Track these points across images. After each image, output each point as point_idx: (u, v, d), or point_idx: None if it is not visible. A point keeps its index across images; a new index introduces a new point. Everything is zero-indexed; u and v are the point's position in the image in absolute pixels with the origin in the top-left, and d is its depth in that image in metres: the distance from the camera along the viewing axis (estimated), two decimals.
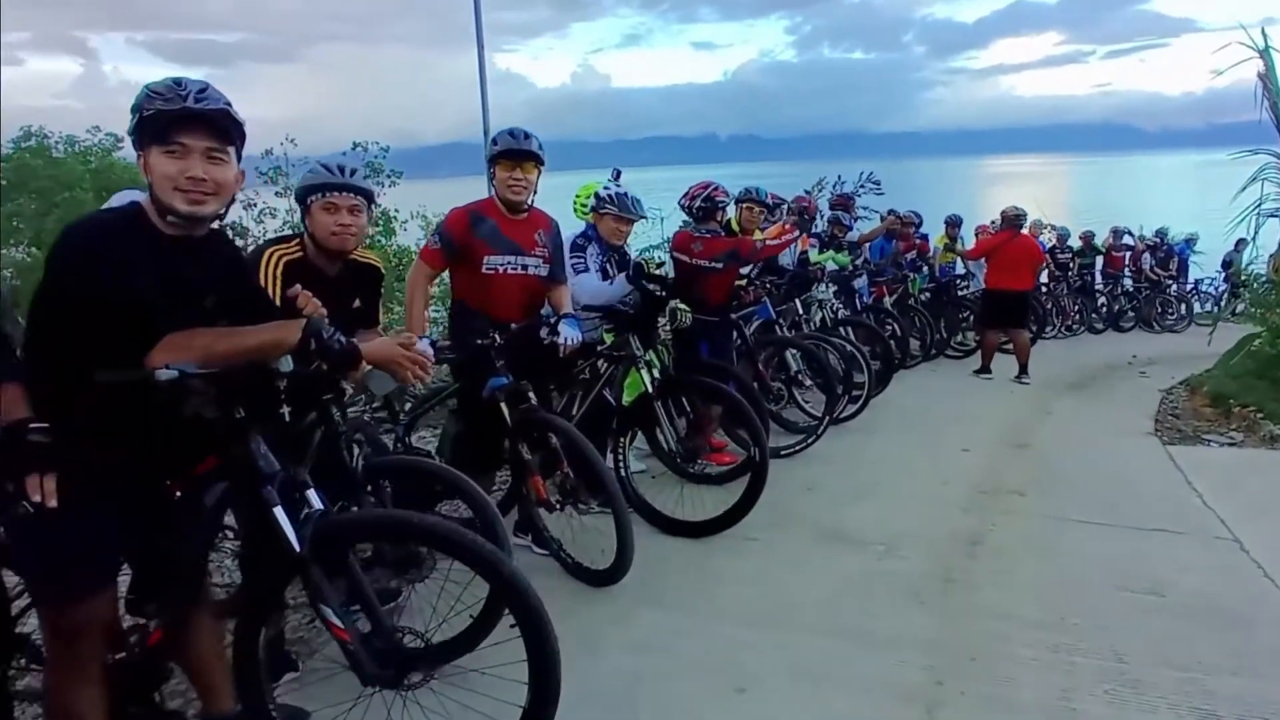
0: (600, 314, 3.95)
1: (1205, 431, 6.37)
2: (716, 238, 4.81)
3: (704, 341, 4.86)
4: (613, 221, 4.12)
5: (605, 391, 4.17)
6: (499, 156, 3.34)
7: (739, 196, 5.39)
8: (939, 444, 5.74)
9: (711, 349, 4.89)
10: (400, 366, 2.48)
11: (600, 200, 4.08)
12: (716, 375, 4.66)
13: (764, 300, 5.61)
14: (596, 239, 4.13)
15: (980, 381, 8.24)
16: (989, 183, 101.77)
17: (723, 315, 4.96)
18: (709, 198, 4.74)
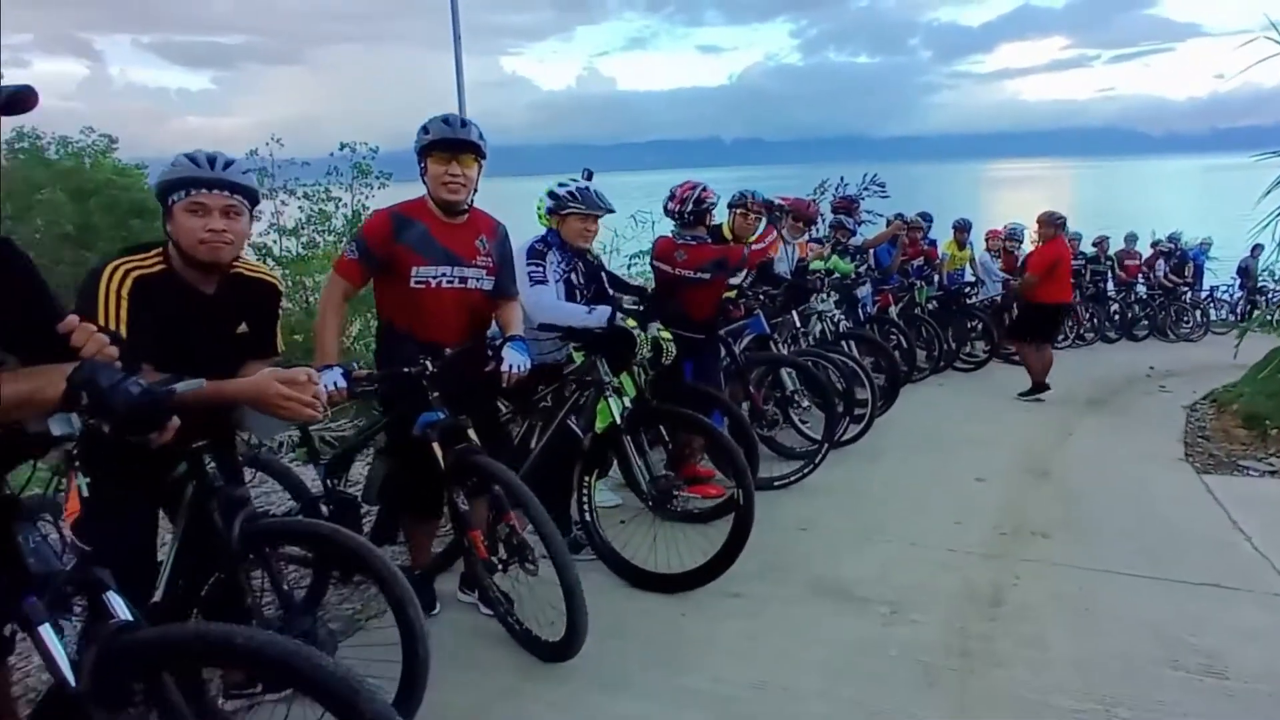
0: (560, 333, 3.39)
1: (1241, 457, 5.81)
2: (702, 245, 4.27)
3: (688, 361, 4.32)
4: (578, 221, 3.57)
5: (571, 420, 3.63)
6: (431, 148, 2.79)
7: (732, 200, 4.85)
8: (950, 472, 5.18)
9: (697, 370, 4.35)
10: (278, 406, 1.95)
11: (559, 199, 3.52)
12: (701, 401, 4.13)
13: (757, 313, 5.06)
14: (558, 245, 3.58)
15: (993, 398, 7.67)
16: (995, 187, 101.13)
17: (709, 332, 4.42)
18: (699, 200, 4.20)
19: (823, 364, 5.34)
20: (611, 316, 3.30)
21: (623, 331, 3.29)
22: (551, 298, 3.39)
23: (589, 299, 3.69)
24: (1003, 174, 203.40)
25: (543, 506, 2.65)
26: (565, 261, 3.57)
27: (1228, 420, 6.79)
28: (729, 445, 3.34)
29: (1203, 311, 13.77)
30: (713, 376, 4.38)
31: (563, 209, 3.52)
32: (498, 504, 2.87)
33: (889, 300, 7.88)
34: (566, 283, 3.60)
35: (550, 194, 3.55)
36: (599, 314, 3.33)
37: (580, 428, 3.65)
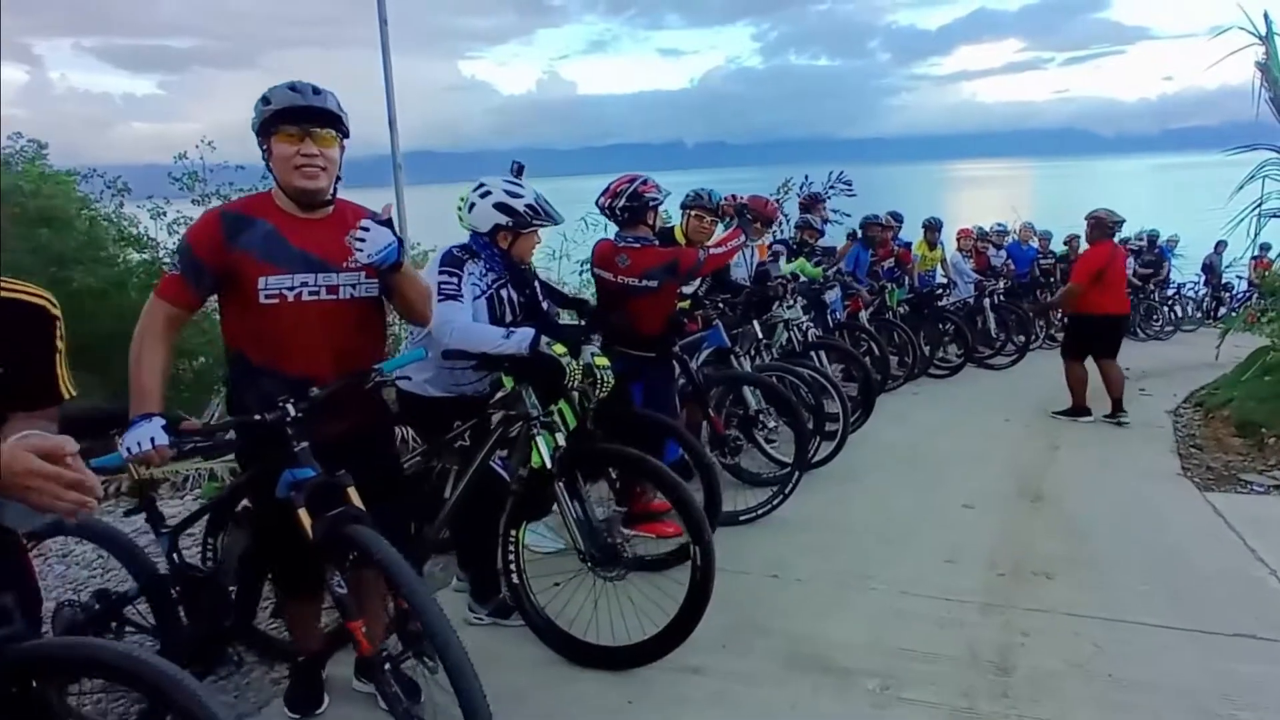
0: (472, 362, 2.77)
1: (1240, 469, 5.39)
2: (647, 247, 3.67)
3: (637, 384, 3.74)
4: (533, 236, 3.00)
5: (496, 461, 3.03)
6: (276, 121, 2.13)
7: (686, 201, 4.29)
8: (935, 497, 4.66)
9: (648, 394, 3.77)
10: (34, 492, 1.33)
11: (517, 215, 2.88)
12: (653, 431, 3.55)
13: (715, 324, 4.49)
14: (488, 255, 2.94)
15: (971, 407, 7.21)
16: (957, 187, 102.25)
17: (660, 349, 3.84)
18: (635, 195, 3.61)
19: (790, 379, 4.80)
20: (534, 340, 2.68)
21: (548, 360, 2.68)
22: (462, 317, 2.75)
23: (523, 317, 3.09)
24: (964, 174, 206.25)
25: (429, 597, 2.04)
26: (494, 274, 2.94)
27: (1219, 427, 6.39)
28: (682, 495, 2.75)
29: (1171, 309, 13.55)
30: (666, 400, 3.80)
31: (523, 227, 2.90)
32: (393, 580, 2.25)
33: (860, 304, 7.39)
34: (498, 300, 2.97)
35: (502, 206, 2.87)
36: (519, 338, 2.71)
37: (506, 469, 3.06)
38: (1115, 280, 6.67)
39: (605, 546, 2.82)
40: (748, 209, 4.81)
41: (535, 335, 2.69)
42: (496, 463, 3.05)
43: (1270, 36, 8.79)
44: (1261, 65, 9.09)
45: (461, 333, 2.69)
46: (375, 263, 2.18)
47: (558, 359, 2.67)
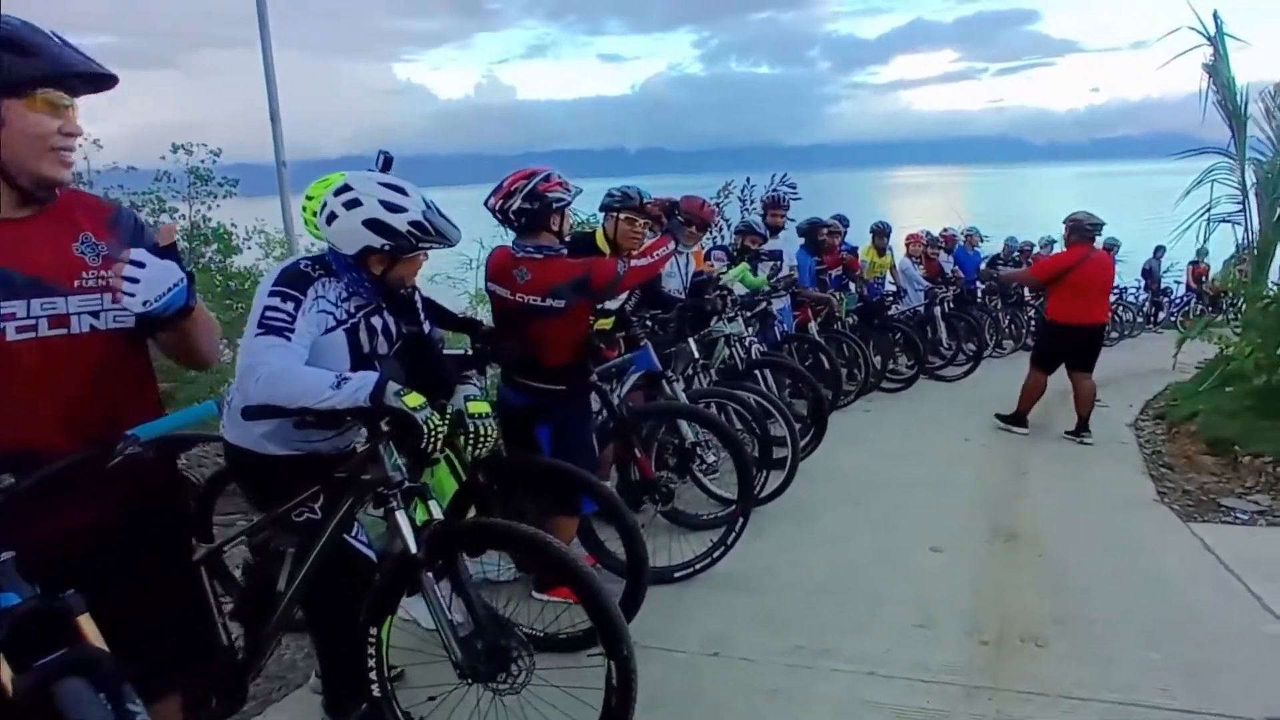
0: (292, 416, 2.03)
1: (1218, 492, 4.96)
2: (553, 259, 2.99)
3: (544, 426, 3.07)
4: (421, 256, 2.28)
5: (356, 536, 2.32)
6: (32, 80, 1.44)
7: (609, 201, 3.64)
8: (898, 538, 4.09)
9: (556, 437, 3.09)
10: None
11: (398, 237, 2.11)
12: (562, 485, 2.89)
13: (643, 345, 3.84)
14: (349, 273, 2.18)
15: (928, 424, 6.71)
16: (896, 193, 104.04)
17: (572, 380, 3.15)
18: (534, 194, 2.92)
19: (731, 405, 4.19)
20: (377, 389, 1.97)
21: (397, 414, 1.98)
22: (279, 359, 2.01)
23: (402, 351, 2.38)
24: (903, 181, 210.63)
25: None
26: (359, 297, 2.21)
27: (1187, 444, 6.00)
28: (595, 594, 2.08)
29: (1115, 314, 13.41)
30: (579, 445, 3.11)
31: (405, 252, 2.15)
32: None
33: (809, 315, 6.84)
34: (366, 330, 2.24)
35: (376, 225, 2.09)
36: (354, 387, 1.96)
37: (367, 545, 2.36)
38: (1091, 287, 6.23)
39: (496, 652, 2.13)
40: (679, 210, 4.20)
41: (378, 382, 1.98)
42: (359, 539, 2.35)
43: (1220, 37, 8.58)
44: (1209, 67, 8.88)
45: (269, 380, 1.95)
46: (153, 312, 1.50)
47: (410, 414, 1.97)
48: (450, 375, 2.38)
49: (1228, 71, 8.50)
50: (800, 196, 8.09)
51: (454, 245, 2.24)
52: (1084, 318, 6.21)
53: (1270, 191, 8.45)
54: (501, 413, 3.10)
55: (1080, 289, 6.16)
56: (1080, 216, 6.36)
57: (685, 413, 3.81)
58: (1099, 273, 6.28)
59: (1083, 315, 6.20)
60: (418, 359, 2.41)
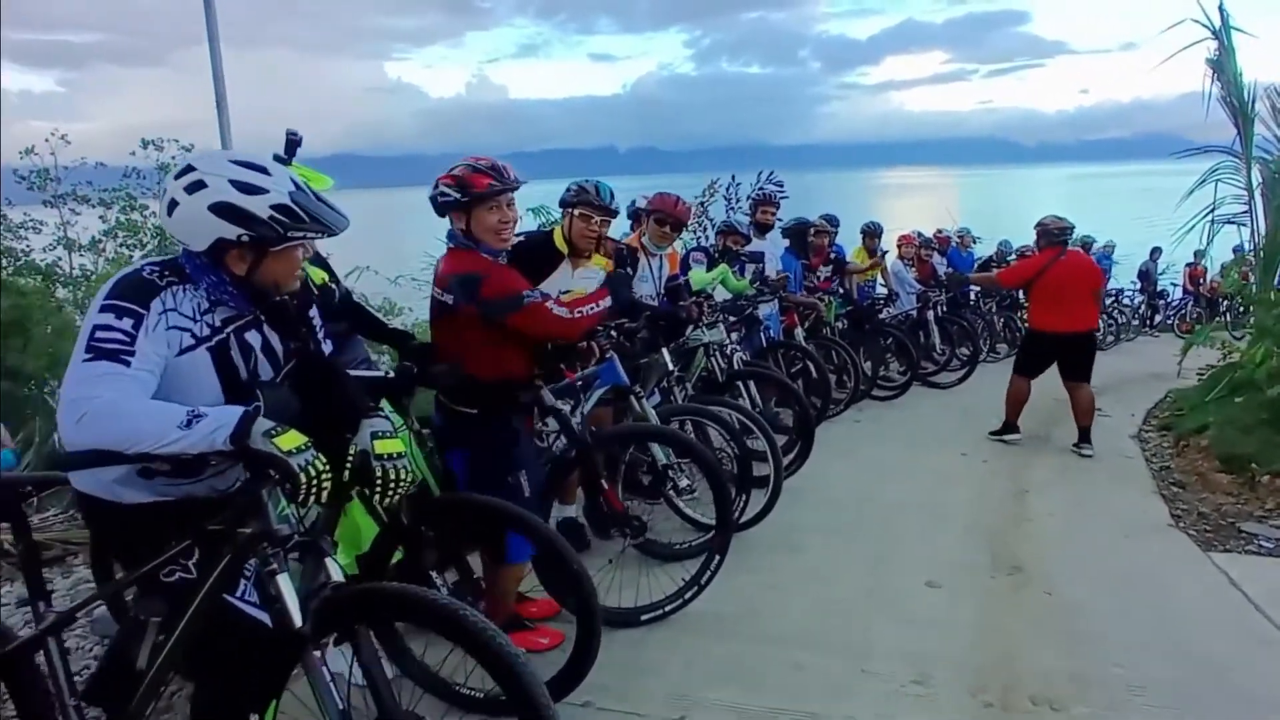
0: (147, 459, 1.58)
1: (1235, 514, 4.60)
2: (464, 250, 2.60)
3: (454, 452, 2.66)
4: (295, 251, 1.84)
5: (242, 598, 1.90)
6: None
7: (567, 196, 3.24)
8: (891, 572, 3.69)
9: (471, 467, 2.65)
10: None
11: (258, 226, 1.68)
12: (488, 525, 2.48)
13: (610, 357, 3.43)
14: (213, 284, 1.75)
15: (922, 436, 6.32)
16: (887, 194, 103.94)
17: (487, 402, 2.68)
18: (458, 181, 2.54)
19: (708, 423, 3.79)
20: (241, 428, 1.54)
21: (266, 461, 1.56)
22: (112, 391, 1.57)
23: (290, 372, 1.96)
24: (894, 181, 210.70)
25: None
26: (227, 308, 1.78)
27: (1197, 459, 5.64)
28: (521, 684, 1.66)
29: (1113, 318, 13.10)
30: (492, 479, 2.62)
31: (272, 243, 1.71)
32: None
33: (795, 320, 6.44)
34: (239, 349, 1.81)
35: (227, 210, 1.66)
36: (210, 426, 1.52)
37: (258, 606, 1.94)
38: (1065, 291, 5.87)
39: None
40: (652, 211, 3.79)
41: (242, 420, 1.56)
42: (247, 600, 1.93)
43: (1226, 31, 8.22)
44: (1214, 62, 8.53)
45: (96, 418, 1.51)
46: None
47: (281, 459, 1.55)
48: (360, 405, 1.96)
49: (1234, 66, 8.15)
50: (788, 194, 7.69)
51: (336, 233, 1.82)
52: (1065, 325, 5.86)
53: (1278, 191, 8.11)
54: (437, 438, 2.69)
55: (1054, 294, 5.86)
56: (1047, 221, 6.09)
57: (653, 435, 3.40)
58: (1072, 276, 5.92)
59: (1063, 322, 5.86)
60: (317, 384, 1.99)
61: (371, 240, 13.76)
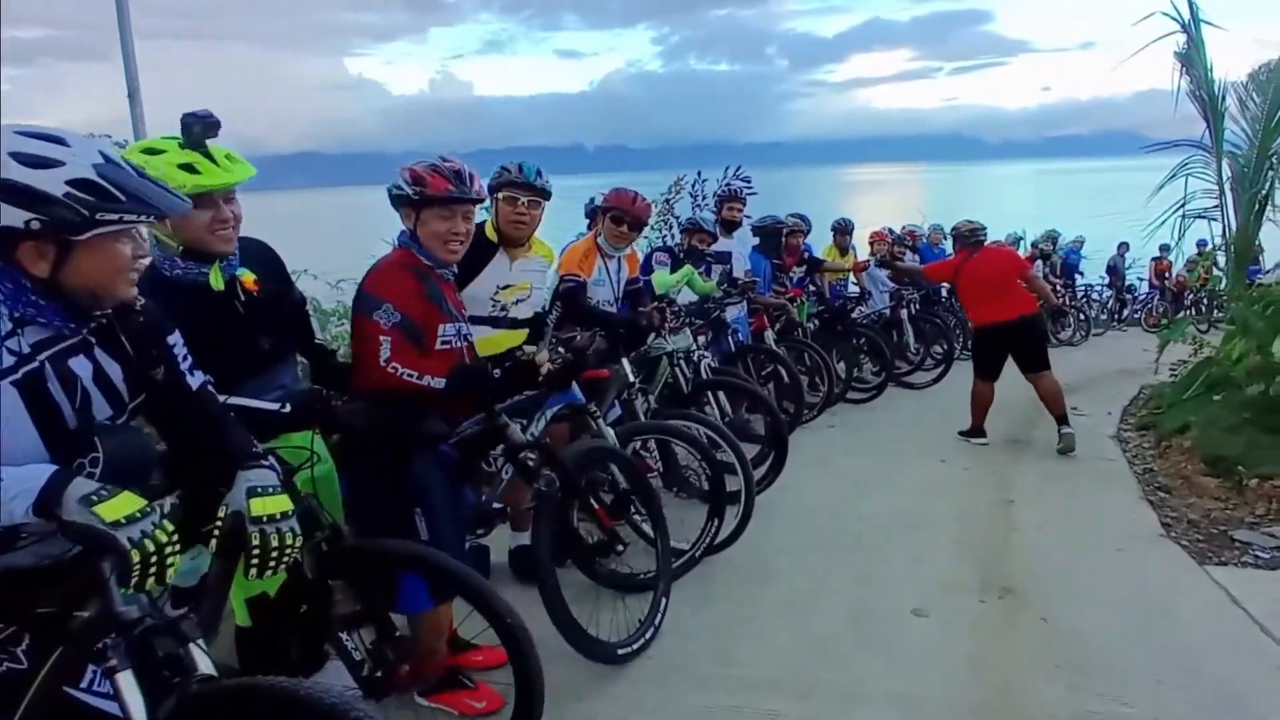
0: None
1: (1226, 521, 4.39)
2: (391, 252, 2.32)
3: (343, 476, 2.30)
4: (121, 245, 1.43)
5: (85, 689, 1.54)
6: None
7: (492, 181, 2.91)
8: (873, 596, 3.41)
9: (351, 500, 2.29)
10: None
11: (58, 208, 1.29)
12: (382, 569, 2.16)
13: None
14: (10, 293, 1.36)
15: (899, 441, 6.06)
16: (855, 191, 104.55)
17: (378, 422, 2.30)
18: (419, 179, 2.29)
19: (674, 442, 3.48)
20: (46, 494, 1.20)
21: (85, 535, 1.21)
22: None
23: (134, 412, 1.58)
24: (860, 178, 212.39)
25: None
26: (42, 327, 1.38)
27: (1181, 461, 5.44)
28: None
29: (1084, 314, 13.02)
30: (377, 511, 2.27)
31: (75, 230, 1.31)
32: None
33: (765, 323, 6.16)
34: (62, 382, 1.43)
35: (13, 190, 1.27)
36: (4, 494, 1.19)
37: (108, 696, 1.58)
38: (983, 285, 6.01)
39: None
40: (608, 209, 3.48)
41: (50, 483, 1.21)
42: (95, 692, 1.57)
43: (1195, 23, 8.10)
44: (1182, 55, 8.40)
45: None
46: None
47: (105, 533, 1.21)
48: (236, 449, 1.61)
49: (1204, 60, 8.03)
50: (755, 191, 7.42)
51: (165, 216, 1.47)
52: (997, 314, 5.96)
53: (1247, 185, 8.01)
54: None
55: (978, 288, 6.05)
56: (959, 225, 6.38)
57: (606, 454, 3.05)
58: (989, 268, 6.05)
59: (994, 312, 5.97)
60: (185, 422, 1.64)
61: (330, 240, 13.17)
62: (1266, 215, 7.84)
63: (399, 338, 2.19)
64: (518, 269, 3.01)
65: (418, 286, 2.25)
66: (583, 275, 3.47)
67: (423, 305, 2.25)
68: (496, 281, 2.86)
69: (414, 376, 2.21)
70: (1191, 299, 15.07)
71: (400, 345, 2.19)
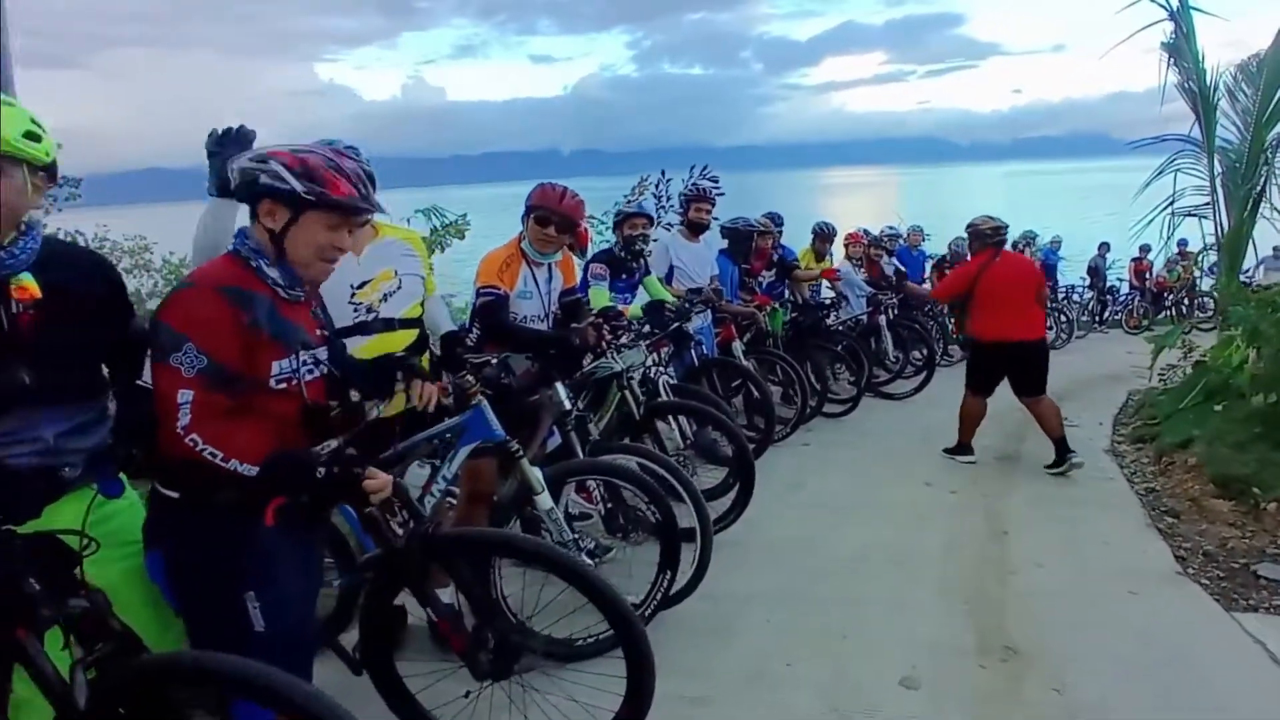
0: None
1: (1245, 553, 3.92)
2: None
3: (155, 551, 1.74)
4: None
5: None
6: None
7: None
8: (854, 659, 2.88)
9: (172, 581, 1.73)
10: None
11: None
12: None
13: (476, 402, 2.53)
14: None
15: (882, 467, 5.50)
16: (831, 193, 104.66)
17: (194, 484, 1.70)
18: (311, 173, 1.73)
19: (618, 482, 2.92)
20: None
21: None
22: None
23: None
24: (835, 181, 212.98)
25: None
26: None
27: (1187, 481, 4.97)
28: None
29: (1066, 316, 12.64)
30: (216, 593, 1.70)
31: None
32: None
33: (733, 333, 5.62)
34: None
35: None
36: None
37: None
38: (1004, 295, 5.27)
39: None
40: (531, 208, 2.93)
41: None
42: None
43: (1184, 11, 7.69)
44: (1169, 46, 8.00)
45: None
46: None
47: None
48: None
49: (1195, 50, 7.62)
50: (724, 191, 6.89)
51: None
52: (1011, 333, 5.25)
53: (1240, 181, 7.62)
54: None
55: (996, 299, 5.26)
56: (978, 222, 5.51)
57: (495, 543, 2.44)
58: (1012, 276, 5.34)
59: (1008, 330, 5.24)
60: None
61: None
62: (1261, 213, 7.46)
63: (203, 392, 1.60)
64: (369, 259, 2.53)
65: (235, 316, 1.64)
66: (503, 287, 2.91)
67: (242, 341, 1.66)
68: (348, 282, 2.33)
69: (218, 458, 1.62)
70: (1172, 300, 14.79)
71: (205, 404, 1.60)
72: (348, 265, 2.47)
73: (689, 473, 3.83)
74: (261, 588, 1.75)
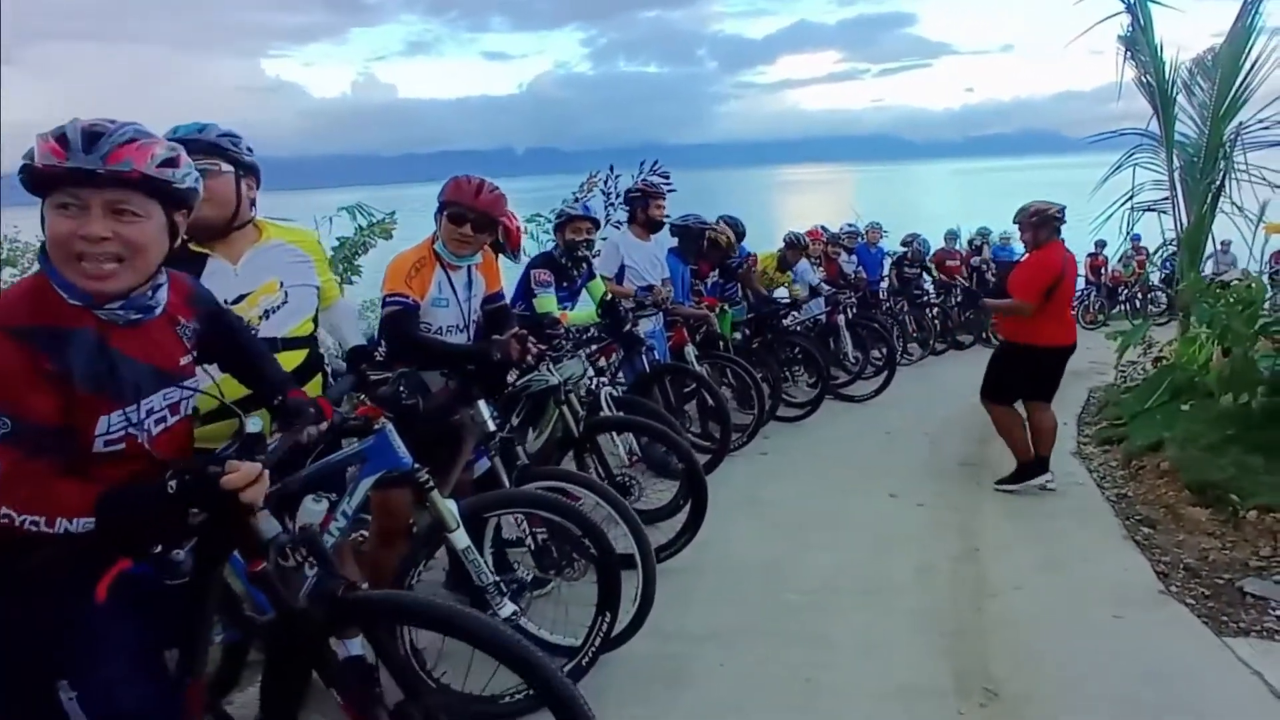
0: None
1: (1228, 566, 3.69)
2: None
3: None
4: None
5: None
6: None
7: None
8: (820, 712, 2.55)
9: None
10: None
11: None
12: None
13: (380, 425, 2.14)
14: None
15: (845, 478, 5.16)
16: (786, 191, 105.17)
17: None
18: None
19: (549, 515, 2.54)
20: None
21: None
22: None
23: None
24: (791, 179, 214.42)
25: None
26: None
27: (1160, 487, 4.75)
28: None
29: None
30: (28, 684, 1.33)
31: None
32: None
33: (685, 337, 5.27)
34: None
35: None
36: None
37: None
38: (1065, 300, 4.88)
39: None
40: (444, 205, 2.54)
41: None
42: None
43: (1142, 3, 7.55)
44: (1127, 39, 7.86)
45: None
46: None
47: None
48: None
49: (1152, 42, 7.48)
50: (675, 187, 6.55)
51: None
52: (1065, 337, 4.80)
53: (1198, 176, 7.51)
54: None
55: (1063, 301, 4.82)
56: (1040, 206, 4.75)
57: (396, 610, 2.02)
58: (1072, 280, 4.91)
59: (1059, 335, 4.76)
60: None
61: None
62: (1220, 207, 7.35)
63: (13, 459, 1.20)
64: (249, 268, 2.11)
65: (34, 362, 1.26)
66: (411, 295, 2.51)
67: (53, 390, 1.25)
68: (222, 296, 1.90)
69: (40, 524, 1.22)
70: (1126, 295, 14.86)
71: (17, 472, 1.20)
72: (223, 276, 2.06)
73: (635, 492, 3.50)
74: (80, 675, 1.35)
